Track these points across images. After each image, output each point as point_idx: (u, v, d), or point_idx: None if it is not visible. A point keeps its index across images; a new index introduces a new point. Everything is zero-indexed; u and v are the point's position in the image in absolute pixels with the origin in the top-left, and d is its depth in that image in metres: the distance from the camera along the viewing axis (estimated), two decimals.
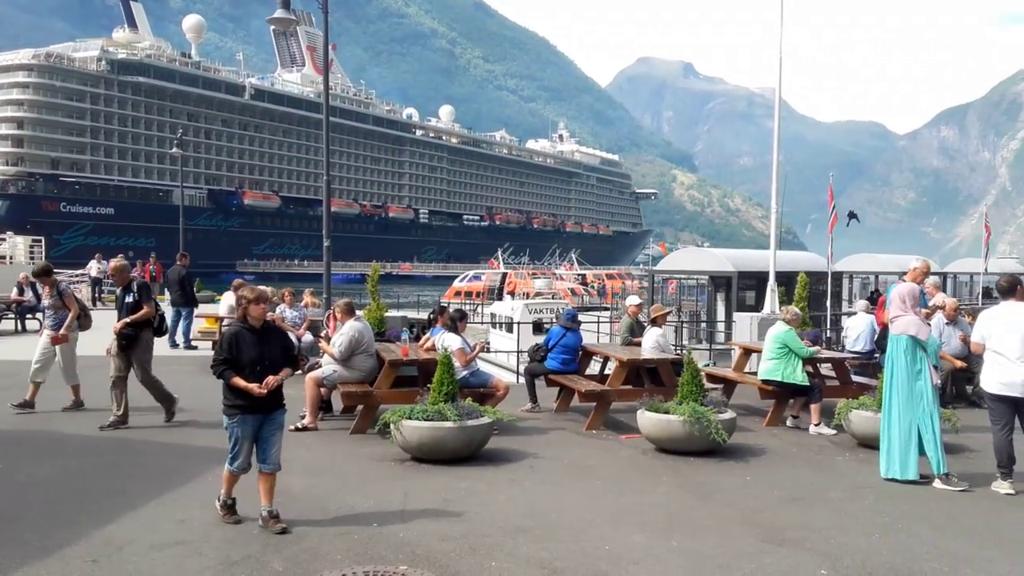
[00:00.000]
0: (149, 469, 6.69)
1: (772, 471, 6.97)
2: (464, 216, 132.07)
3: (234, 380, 5.09)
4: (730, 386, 9.89)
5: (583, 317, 11.85)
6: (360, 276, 67.50)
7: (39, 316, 16.72)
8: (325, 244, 14.66)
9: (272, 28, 79.39)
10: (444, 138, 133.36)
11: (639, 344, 9.80)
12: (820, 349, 9.72)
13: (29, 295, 18.11)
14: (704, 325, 18.88)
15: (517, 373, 13.68)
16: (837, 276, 17.41)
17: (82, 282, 25.98)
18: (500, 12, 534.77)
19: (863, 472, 6.95)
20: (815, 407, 8.62)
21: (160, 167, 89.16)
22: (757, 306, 15.59)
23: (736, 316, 13.91)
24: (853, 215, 19.06)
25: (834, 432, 8.37)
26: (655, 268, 24.32)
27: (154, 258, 27.14)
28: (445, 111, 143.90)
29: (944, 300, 10.26)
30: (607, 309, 30.56)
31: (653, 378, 9.20)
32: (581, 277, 52.89)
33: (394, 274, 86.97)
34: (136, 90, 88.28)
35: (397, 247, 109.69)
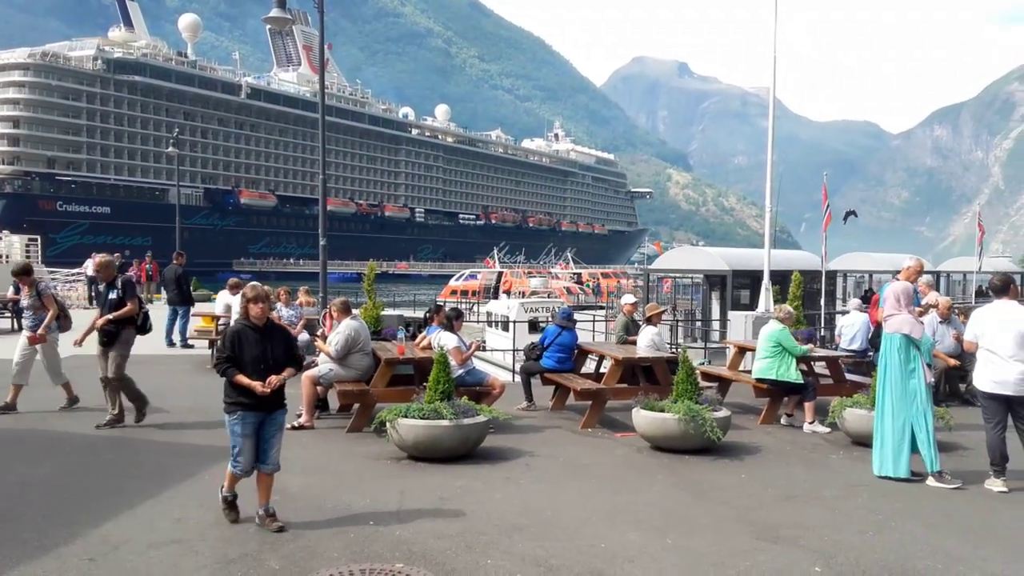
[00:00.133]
0: (146, 468, 6.69)
1: (766, 469, 7.00)
2: (460, 215, 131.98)
3: (237, 377, 5.09)
4: (725, 384, 9.91)
5: (578, 316, 11.86)
6: (356, 275, 67.42)
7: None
8: (321, 243, 14.68)
9: (268, 27, 79.20)
10: (440, 137, 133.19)
11: (634, 343, 9.83)
12: (813, 348, 9.76)
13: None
14: (699, 324, 18.92)
15: (513, 372, 13.69)
16: (831, 275, 17.46)
17: (78, 281, 25.91)
18: (496, 12, 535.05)
19: (857, 470, 6.98)
20: (809, 405, 8.66)
21: (156, 166, 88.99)
22: (752, 305, 15.64)
23: (731, 315, 13.95)
24: (852, 213, 19.17)
25: (828, 430, 8.40)
26: (650, 267, 24.35)
27: (150, 257, 27.11)
28: (441, 110, 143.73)
29: (937, 299, 10.30)
30: (602, 308, 30.60)
31: (648, 377, 9.23)
32: (576, 276, 52.90)
33: (390, 273, 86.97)
34: (132, 89, 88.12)
35: (393, 246, 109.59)
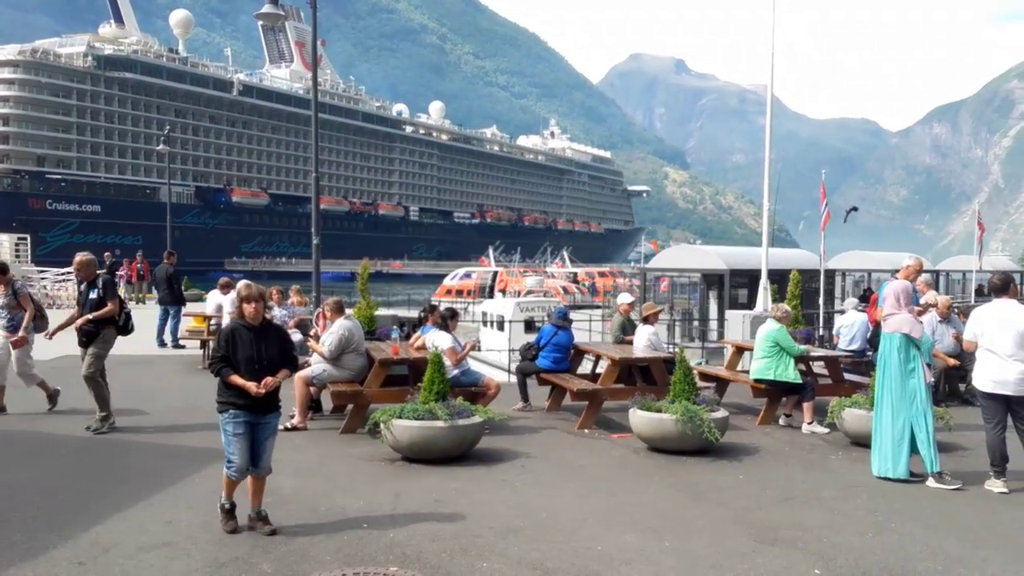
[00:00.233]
0: (136, 470, 6.61)
1: (765, 470, 6.96)
2: (455, 214, 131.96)
3: (231, 378, 5.01)
4: (722, 384, 9.87)
5: (575, 315, 11.80)
6: (350, 274, 67.32)
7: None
8: (314, 242, 14.59)
9: (260, 24, 78.90)
10: (434, 135, 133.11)
11: (631, 342, 9.77)
12: (811, 348, 9.71)
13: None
14: (696, 323, 18.89)
15: (508, 372, 13.63)
16: (830, 274, 17.43)
17: (68, 280, 25.77)
18: (491, 8, 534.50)
19: (856, 471, 6.94)
20: (808, 405, 8.61)
21: (147, 164, 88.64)
22: (749, 304, 15.60)
23: (728, 314, 13.89)
24: (854, 208, 19.25)
25: (827, 431, 8.36)
26: (647, 266, 24.31)
27: (141, 256, 26.97)
28: (435, 107, 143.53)
29: (935, 298, 10.27)
30: (599, 307, 30.58)
31: (645, 377, 9.17)
32: (573, 275, 52.86)
33: (384, 272, 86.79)
34: (123, 86, 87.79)
35: (387, 245, 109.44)
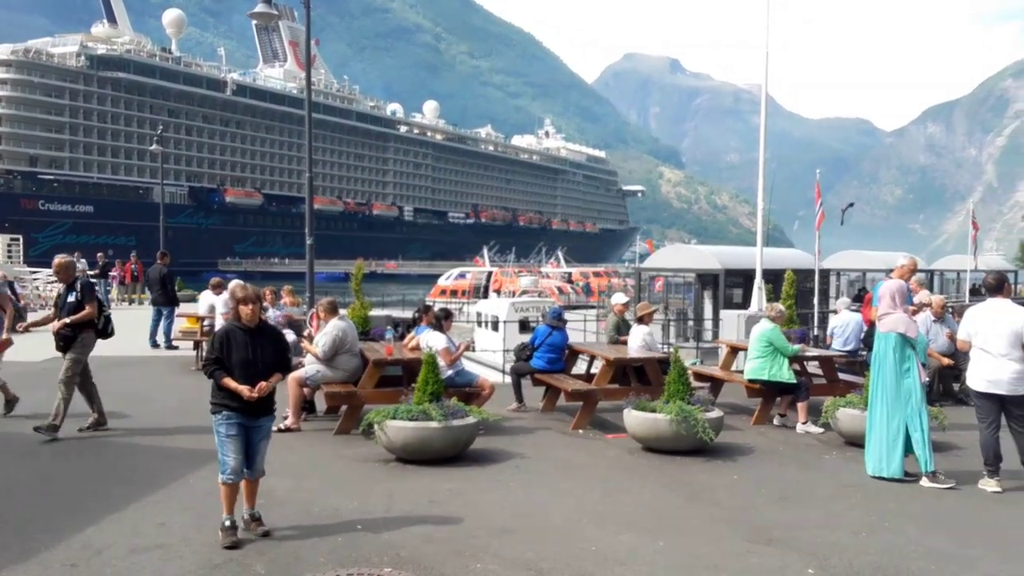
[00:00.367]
0: (129, 472, 6.58)
1: (759, 470, 6.96)
2: (449, 213, 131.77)
3: (224, 381, 4.97)
4: (717, 384, 9.87)
5: (569, 315, 11.78)
6: (344, 274, 66.83)
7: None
8: (308, 242, 14.54)
9: (254, 23, 78.75)
10: (429, 134, 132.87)
11: (625, 343, 9.77)
12: (806, 347, 9.72)
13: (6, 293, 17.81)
14: (691, 323, 18.90)
15: (503, 372, 13.62)
16: (824, 273, 17.46)
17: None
18: (485, 7, 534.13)
19: (850, 470, 6.94)
20: (802, 405, 8.62)
21: (140, 164, 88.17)
22: (744, 304, 15.62)
23: (723, 314, 13.92)
24: (850, 204, 19.38)
25: (821, 430, 8.37)
26: (642, 266, 24.32)
27: (135, 257, 26.86)
28: (430, 107, 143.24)
29: (929, 297, 10.29)
30: (593, 307, 30.57)
31: (640, 377, 9.16)
32: (567, 275, 52.82)
33: (378, 272, 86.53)
34: (116, 86, 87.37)
35: (381, 245, 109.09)
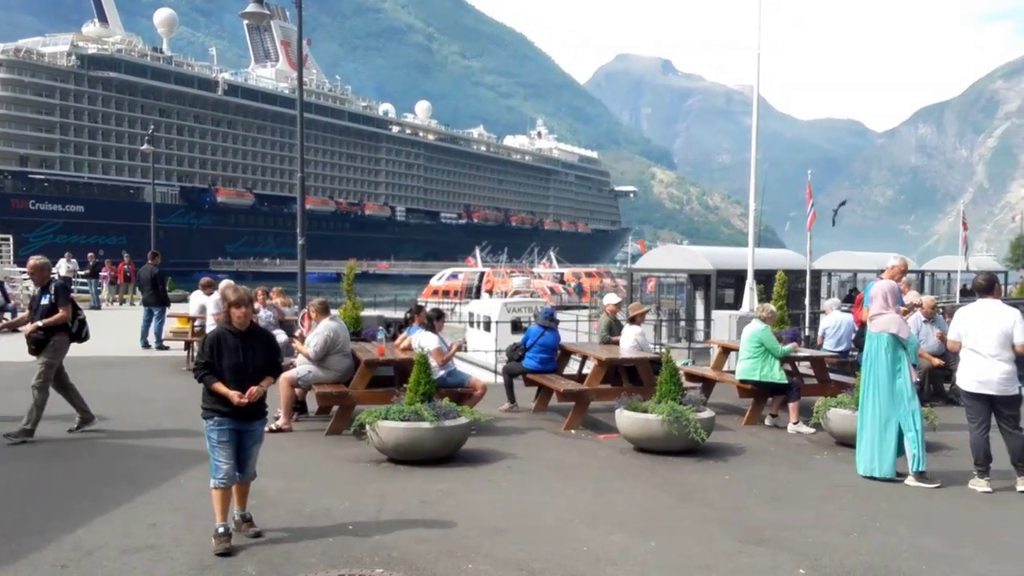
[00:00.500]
0: (119, 472, 6.55)
1: (751, 470, 6.97)
2: (441, 214, 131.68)
3: (215, 386, 4.93)
4: (709, 385, 9.88)
5: (561, 316, 11.79)
6: (336, 275, 66.95)
7: (6, 316, 16.40)
8: (300, 242, 14.50)
9: (245, 23, 78.49)
10: (421, 135, 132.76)
11: (617, 343, 9.77)
12: (796, 347, 9.74)
13: None
14: (683, 323, 18.92)
15: (495, 373, 13.61)
16: (816, 274, 17.48)
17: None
18: (477, 8, 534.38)
19: (841, 470, 6.96)
20: (793, 406, 8.64)
21: (131, 164, 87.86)
22: (736, 304, 15.63)
23: (715, 314, 13.91)
24: (843, 203, 19.44)
25: (812, 431, 8.39)
26: (634, 266, 24.34)
27: (127, 257, 26.75)
28: (422, 107, 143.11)
29: (919, 297, 10.33)
30: (585, 308, 30.60)
31: (632, 377, 9.17)
32: (559, 275, 52.86)
33: (370, 273, 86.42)
34: (107, 85, 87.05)
35: (373, 245, 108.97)
